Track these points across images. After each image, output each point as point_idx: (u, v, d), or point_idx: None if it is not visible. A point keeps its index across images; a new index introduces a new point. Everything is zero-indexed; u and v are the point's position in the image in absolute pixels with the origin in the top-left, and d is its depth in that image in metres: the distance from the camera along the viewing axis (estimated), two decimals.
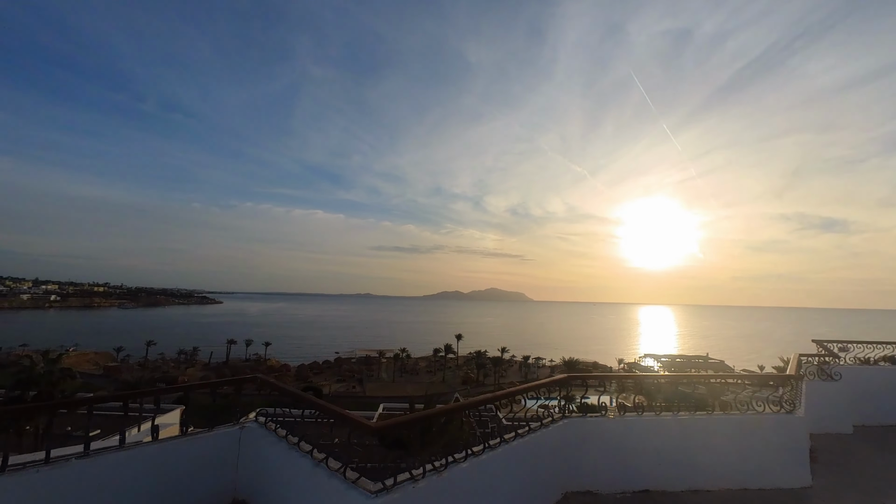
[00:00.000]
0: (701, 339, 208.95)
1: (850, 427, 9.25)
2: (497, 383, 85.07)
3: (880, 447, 8.35)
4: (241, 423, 5.98)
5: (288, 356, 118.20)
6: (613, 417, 6.53)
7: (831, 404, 9.22)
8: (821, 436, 8.49)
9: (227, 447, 5.72)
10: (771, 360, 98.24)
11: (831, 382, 9.47)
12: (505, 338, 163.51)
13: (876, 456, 7.90)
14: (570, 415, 6.44)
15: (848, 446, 8.39)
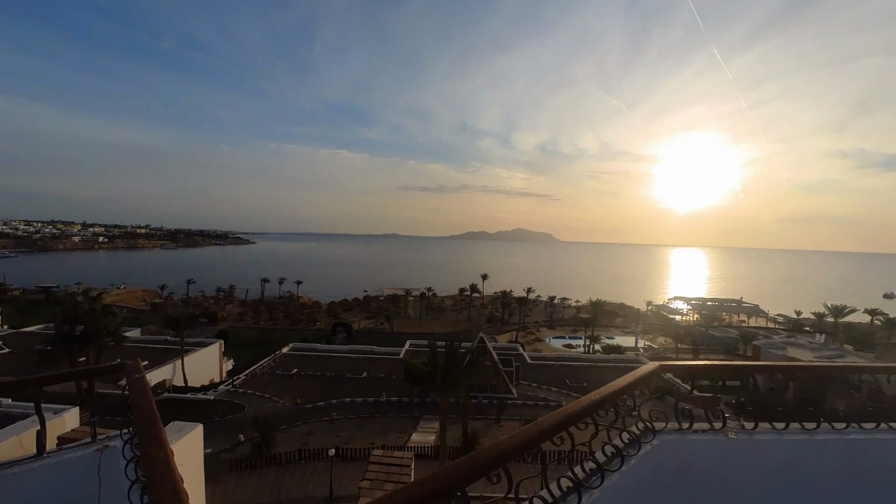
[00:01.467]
0: (734, 282, 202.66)
1: None
2: (521, 322, 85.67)
3: None
4: (101, 444, 4.10)
5: (319, 294, 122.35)
6: (731, 437, 3.88)
7: None
8: None
9: (80, 477, 3.86)
10: (810, 305, 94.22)
11: None
12: (531, 278, 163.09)
13: None
14: (659, 429, 3.90)
15: None
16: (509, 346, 58.66)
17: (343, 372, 49.14)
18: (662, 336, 77.88)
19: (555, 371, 51.14)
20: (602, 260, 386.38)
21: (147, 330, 71.07)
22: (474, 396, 41.04)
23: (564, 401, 42.36)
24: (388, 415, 38.47)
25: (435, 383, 23.69)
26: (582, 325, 75.44)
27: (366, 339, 71.98)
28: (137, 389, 3.53)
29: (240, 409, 39.62)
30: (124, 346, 47.50)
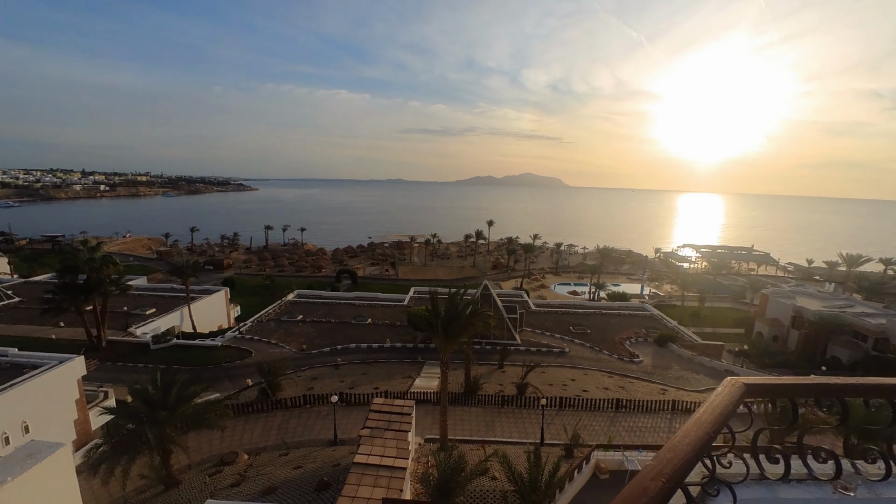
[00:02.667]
0: (747, 229, 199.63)
1: None
2: (527, 269, 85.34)
3: None
4: None
5: (323, 241, 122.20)
6: (848, 494, 2.53)
7: None
8: None
9: None
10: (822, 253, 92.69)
11: None
12: (538, 224, 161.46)
13: None
14: (735, 480, 2.54)
15: None
16: (514, 293, 58.46)
17: (348, 318, 49.48)
18: (669, 283, 77.48)
19: (558, 318, 51.13)
20: (612, 206, 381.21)
21: (154, 278, 71.57)
22: (478, 342, 41.22)
23: (566, 346, 42.55)
24: (393, 360, 38.87)
25: (436, 334, 23.12)
26: (588, 271, 74.86)
27: (371, 285, 72.21)
28: None
29: (247, 354, 40.22)
30: (130, 294, 47.73)
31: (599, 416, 28.85)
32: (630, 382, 35.55)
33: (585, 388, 33.10)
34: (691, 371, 39.49)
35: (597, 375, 36.52)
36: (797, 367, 43.83)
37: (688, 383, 36.67)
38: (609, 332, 47.51)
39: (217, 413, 22.52)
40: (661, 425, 28.45)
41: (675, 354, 42.96)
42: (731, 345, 48.48)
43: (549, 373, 36.26)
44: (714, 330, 54.74)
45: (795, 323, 48.88)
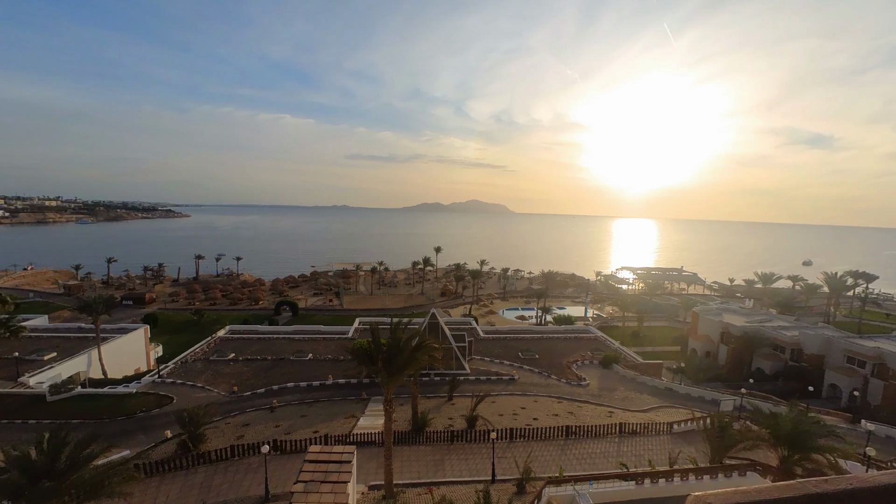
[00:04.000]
0: (676, 252, 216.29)
1: None
2: (475, 295, 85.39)
3: None
4: None
5: (262, 270, 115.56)
6: None
7: None
8: None
9: None
10: (741, 272, 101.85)
11: None
12: (485, 250, 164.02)
13: None
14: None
15: None
16: (462, 321, 57.77)
17: (286, 354, 46.03)
18: (610, 305, 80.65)
19: (507, 344, 50.90)
20: (554, 231, 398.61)
21: (58, 316, 63.24)
22: (426, 374, 39.71)
23: (516, 373, 42.14)
24: (335, 398, 36.26)
25: (378, 369, 21.61)
26: (534, 296, 76.19)
27: (313, 317, 68.52)
28: None
29: (167, 401, 35.74)
30: (24, 336, 41.41)
31: (550, 445, 28.25)
32: (578, 407, 35.54)
33: (536, 416, 32.55)
34: (635, 391, 40.39)
35: (546, 402, 36.20)
36: (728, 380, 46.44)
37: (632, 403, 37.33)
38: (557, 356, 47.86)
39: (121, 477, 19.15)
40: (609, 450, 28.34)
41: (619, 375, 43.91)
42: (669, 362, 50.64)
43: (500, 402, 35.43)
44: (653, 349, 57.14)
45: (724, 339, 52.18)
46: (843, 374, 42.83)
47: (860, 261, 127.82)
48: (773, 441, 23.83)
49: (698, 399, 38.99)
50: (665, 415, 34.54)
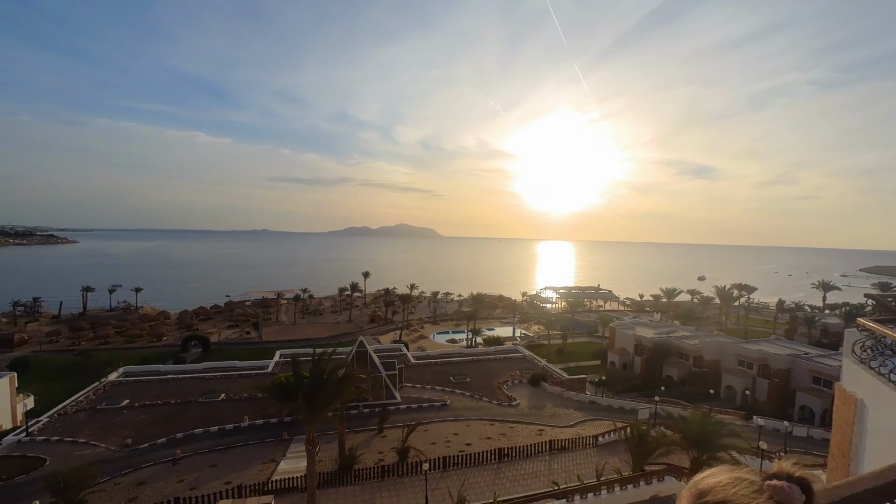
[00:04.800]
0: (593, 271, 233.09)
1: None
2: (405, 320, 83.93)
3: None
4: None
5: (168, 302, 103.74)
6: None
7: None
8: None
9: None
10: (648, 288, 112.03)
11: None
12: (414, 274, 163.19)
13: None
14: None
15: None
16: (393, 348, 56.10)
17: (194, 396, 41.03)
18: (536, 324, 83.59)
19: (439, 369, 50.20)
20: (482, 254, 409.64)
21: None
22: (354, 407, 37.55)
23: (448, 398, 41.45)
24: (252, 442, 32.71)
25: (300, 406, 19.78)
26: (464, 318, 76.71)
27: (227, 352, 62.40)
28: None
29: (37, 464, 29.73)
30: None
31: (484, 469, 27.74)
32: (510, 428, 35.64)
33: (469, 442, 31.97)
34: (562, 406, 41.60)
35: (479, 425, 35.84)
36: (643, 389, 49.76)
37: (561, 419, 38.32)
38: (488, 378, 48.05)
39: None
40: (541, 469, 28.50)
41: (547, 392, 45.07)
42: (592, 376, 53.21)
43: (432, 430, 34.38)
44: (577, 364, 59.79)
45: (638, 350, 56.16)
46: (735, 376, 47.96)
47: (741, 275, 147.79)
48: (685, 444, 25.67)
49: (619, 409, 41.13)
50: (591, 428, 35.82)
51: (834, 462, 6.73)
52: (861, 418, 5.80)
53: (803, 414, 42.24)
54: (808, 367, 43.47)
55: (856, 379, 6.11)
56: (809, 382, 42.79)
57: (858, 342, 6.25)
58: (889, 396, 5.00)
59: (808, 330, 69.06)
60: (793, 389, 43.99)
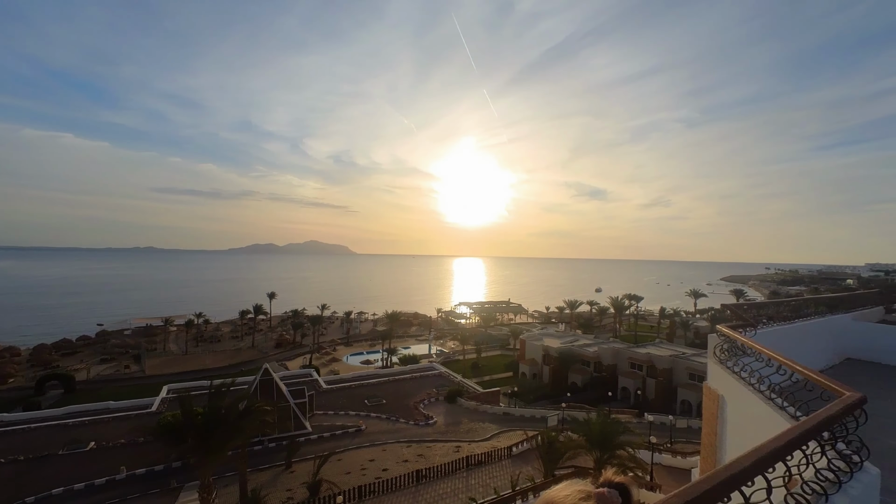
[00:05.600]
0: (504, 285, 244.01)
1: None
2: (316, 343, 79.63)
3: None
4: None
5: (17, 335, 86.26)
6: None
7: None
8: None
9: None
10: (553, 301, 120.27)
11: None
12: (326, 294, 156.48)
13: None
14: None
15: None
16: (302, 374, 52.70)
17: (53, 448, 34.23)
18: (452, 340, 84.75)
19: (353, 393, 48.21)
20: (396, 271, 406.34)
21: None
22: (258, 442, 34.37)
23: (363, 423, 39.89)
24: (131, 496, 28.07)
25: (192, 449, 17.51)
26: (379, 338, 75.09)
27: (100, 391, 53.58)
28: None
29: None
30: None
31: (401, 494, 26.94)
32: (427, 447, 35.27)
33: (385, 467, 30.93)
34: (478, 421, 42.32)
35: (395, 448, 34.92)
36: (552, 397, 52.73)
37: (477, 434, 38.91)
38: (404, 398, 47.25)
39: None
40: (459, 486, 28.51)
41: (463, 408, 45.58)
42: (505, 388, 55.12)
43: (347, 458, 32.68)
44: (491, 377, 61.57)
45: (546, 360, 59.59)
46: (629, 378, 53.12)
47: (631, 286, 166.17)
48: (589, 446, 27.63)
49: (531, 419, 42.98)
50: (505, 439, 36.87)
51: (705, 451, 7.65)
52: (723, 412, 6.72)
53: (684, 407, 47.91)
54: (686, 365, 49.73)
55: (717, 377, 7.09)
56: (687, 379, 48.89)
57: (718, 345, 7.28)
58: (741, 392, 5.84)
59: (685, 332, 79.28)
60: (675, 386, 49.84)
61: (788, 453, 2.69)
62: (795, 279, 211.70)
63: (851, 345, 13.03)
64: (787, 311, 11.58)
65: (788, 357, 5.06)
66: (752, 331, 7.98)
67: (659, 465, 30.63)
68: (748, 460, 2.30)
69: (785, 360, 4.99)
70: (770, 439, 2.63)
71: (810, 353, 11.40)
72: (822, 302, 13.94)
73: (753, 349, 5.96)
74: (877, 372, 11.60)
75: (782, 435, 2.73)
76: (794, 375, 4.85)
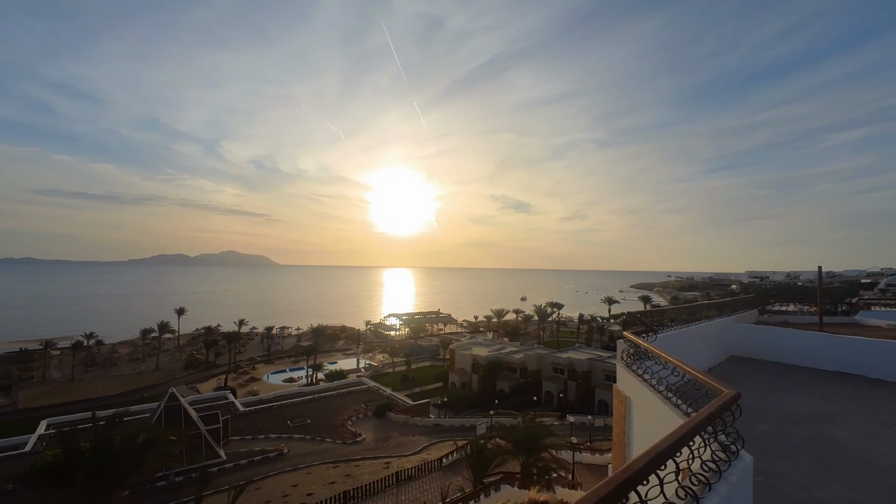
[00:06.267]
0: (434, 296, 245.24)
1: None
2: (232, 362, 73.66)
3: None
4: None
5: None
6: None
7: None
8: None
9: None
10: (481, 310, 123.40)
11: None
12: (244, 308, 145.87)
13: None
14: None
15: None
16: (215, 396, 48.42)
17: None
18: (381, 353, 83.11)
19: (274, 414, 45.18)
20: (323, 283, 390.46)
21: None
22: (162, 477, 30.75)
23: (284, 446, 37.50)
24: None
25: (79, 493, 15.25)
26: (304, 353, 71.47)
27: None
28: None
29: None
30: None
31: None
32: (355, 466, 34.01)
33: (310, 491, 29.25)
34: (408, 434, 41.76)
35: (321, 470, 33.21)
36: (481, 405, 53.72)
37: (407, 448, 38.34)
38: (330, 416, 45.26)
39: None
40: (388, 503, 27.84)
41: (393, 422, 44.74)
42: (435, 399, 55.14)
43: (267, 486, 30.39)
44: (421, 389, 61.27)
45: (475, 368, 60.69)
46: (552, 382, 55.87)
47: (553, 294, 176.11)
48: (515, 451, 28.51)
49: (460, 428, 43.35)
50: (435, 451, 36.75)
51: (616, 449, 8.24)
52: (630, 412, 7.31)
53: (601, 407, 51.32)
54: (602, 367, 53.47)
55: (624, 380, 7.72)
56: (604, 380, 52.53)
57: (625, 350, 7.94)
58: (644, 393, 6.40)
59: (601, 337, 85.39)
60: (593, 387, 53.30)
61: (678, 450, 2.99)
62: (692, 285, 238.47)
63: (734, 343, 14.96)
64: (685, 314, 13.00)
65: (683, 358, 5.67)
66: (653, 336, 8.83)
67: (580, 463, 32.42)
68: (642, 461, 2.51)
69: (677, 361, 5.58)
70: (661, 440, 2.89)
71: (703, 353, 12.91)
72: (712, 306, 15.84)
73: (653, 353, 6.59)
74: (753, 366, 13.40)
75: (671, 434, 3.02)
76: (685, 376, 5.43)
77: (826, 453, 6.67)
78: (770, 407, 9.03)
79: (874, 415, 8.75)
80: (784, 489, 5.57)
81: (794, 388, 10.79)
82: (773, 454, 6.53)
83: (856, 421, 8.31)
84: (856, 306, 24.64)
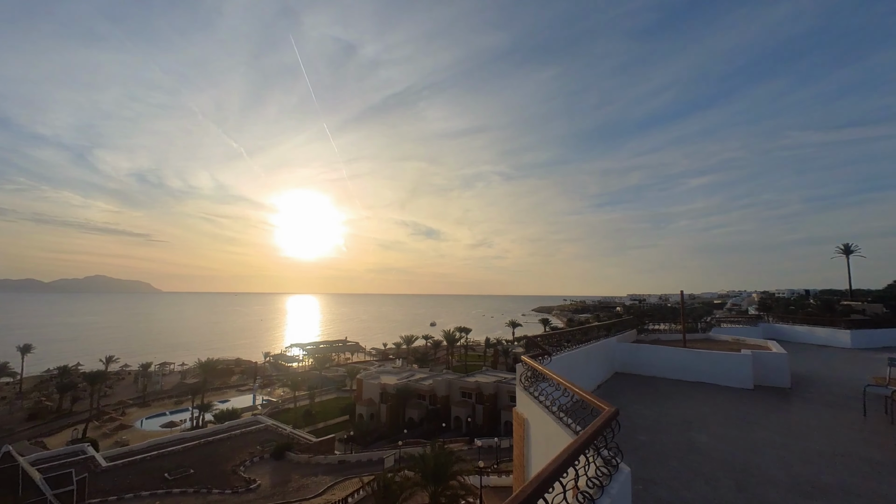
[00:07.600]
0: (341, 323, 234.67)
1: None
2: (95, 408, 62.22)
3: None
4: None
5: None
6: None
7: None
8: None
9: None
10: (391, 337, 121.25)
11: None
12: (115, 343, 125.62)
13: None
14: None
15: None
16: (70, 451, 40.30)
17: None
18: (281, 387, 76.79)
19: (148, 466, 38.81)
20: (215, 312, 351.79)
21: None
22: None
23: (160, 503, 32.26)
24: None
25: None
26: (189, 392, 63.15)
27: None
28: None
29: None
30: None
31: None
32: None
33: None
34: (311, 475, 38.73)
35: None
36: (389, 436, 52.04)
37: (309, 490, 35.45)
38: (220, 463, 40.22)
39: None
40: None
41: (293, 463, 41.19)
42: (341, 433, 52.12)
43: None
44: (326, 423, 57.54)
45: (383, 398, 58.90)
46: (460, 407, 56.34)
47: (461, 319, 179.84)
48: (424, 482, 27.95)
49: (368, 462, 41.41)
50: (340, 490, 34.53)
51: (516, 471, 8.52)
52: (528, 433, 7.66)
53: (507, 428, 52.86)
54: (507, 389, 55.41)
55: (523, 402, 8.11)
56: (509, 401, 54.34)
57: (523, 373, 8.38)
58: (540, 414, 6.78)
59: (506, 359, 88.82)
60: (499, 409, 54.83)
61: (564, 472, 3.19)
62: (584, 308, 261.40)
63: (618, 361, 16.65)
64: (580, 335, 14.19)
65: (575, 377, 6.16)
66: (548, 358, 9.46)
67: (487, 486, 32.79)
68: (531, 487, 2.62)
69: (567, 383, 6.02)
70: (548, 463, 3.06)
71: (592, 371, 14.15)
72: (602, 327, 17.52)
73: (547, 375, 7.04)
74: (633, 381, 14.99)
75: (558, 457, 3.21)
76: (574, 396, 5.87)
77: (690, 456, 7.66)
78: (647, 417, 10.16)
79: (724, 419, 10.30)
80: (658, 493, 6.25)
81: (665, 399, 12.28)
82: (650, 462, 7.31)
83: (712, 425, 9.71)
84: (710, 324, 29.23)
